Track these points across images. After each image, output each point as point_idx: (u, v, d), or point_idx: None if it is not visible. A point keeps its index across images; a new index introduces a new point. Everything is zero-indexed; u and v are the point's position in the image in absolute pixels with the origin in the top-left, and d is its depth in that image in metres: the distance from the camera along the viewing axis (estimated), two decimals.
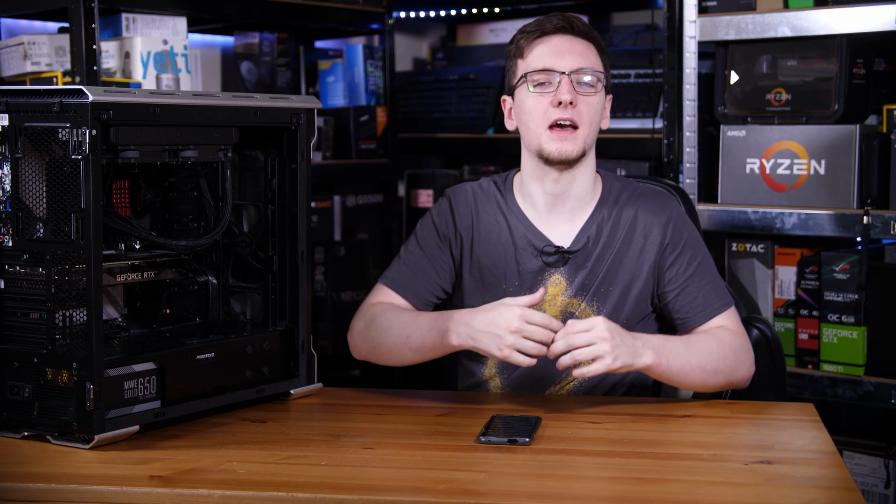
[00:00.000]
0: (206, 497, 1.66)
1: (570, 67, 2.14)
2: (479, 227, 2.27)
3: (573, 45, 2.17)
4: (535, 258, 2.22)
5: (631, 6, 3.64)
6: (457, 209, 2.29)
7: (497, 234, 2.25)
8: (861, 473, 2.93)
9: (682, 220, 2.25)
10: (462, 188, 2.33)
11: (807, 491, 1.66)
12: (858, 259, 2.78)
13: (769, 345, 2.35)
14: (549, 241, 2.22)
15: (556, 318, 2.20)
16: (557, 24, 2.18)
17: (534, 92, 2.16)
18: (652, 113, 3.17)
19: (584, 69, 2.15)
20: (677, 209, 2.27)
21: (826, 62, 2.80)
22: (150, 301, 2.21)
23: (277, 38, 3.35)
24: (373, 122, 3.49)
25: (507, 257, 2.24)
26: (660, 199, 2.27)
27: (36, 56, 2.76)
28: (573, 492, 1.68)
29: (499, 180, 2.32)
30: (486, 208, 2.28)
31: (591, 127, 2.16)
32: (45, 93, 1.86)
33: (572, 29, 2.18)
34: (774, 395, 2.35)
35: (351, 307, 3.41)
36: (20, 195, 1.90)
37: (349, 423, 2.05)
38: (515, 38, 2.23)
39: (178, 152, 2.02)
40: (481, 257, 2.25)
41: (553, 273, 2.22)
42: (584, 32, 2.19)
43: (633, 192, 2.26)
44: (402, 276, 2.27)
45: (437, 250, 2.28)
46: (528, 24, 2.22)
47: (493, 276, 2.24)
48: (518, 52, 2.21)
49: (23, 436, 1.92)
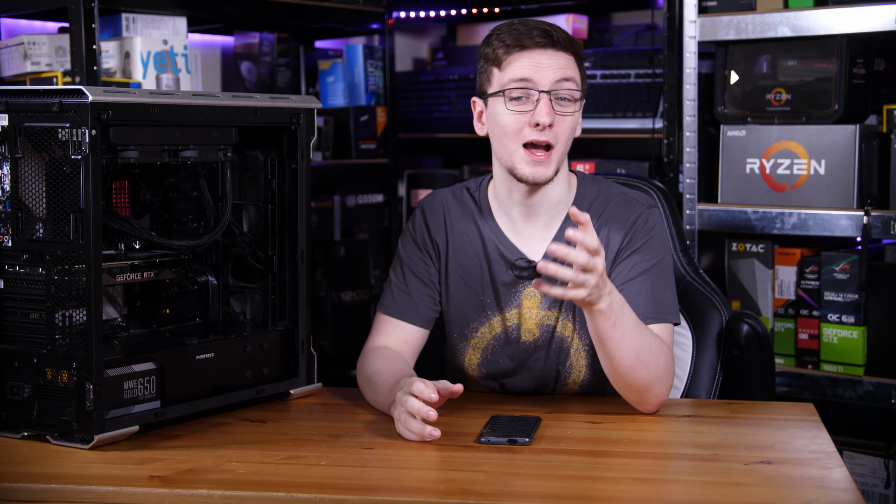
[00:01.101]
0: (206, 497, 1.66)
1: (550, 83, 2.07)
2: (453, 237, 2.23)
3: (554, 58, 2.08)
4: (507, 271, 2.19)
5: (631, 6, 3.63)
6: (430, 220, 2.25)
7: (471, 245, 2.22)
8: (861, 473, 2.93)
9: (646, 224, 2.16)
10: (433, 197, 2.29)
11: (807, 491, 1.66)
12: (858, 259, 2.78)
13: (759, 340, 2.34)
14: (521, 255, 2.18)
15: (534, 331, 2.19)
16: (539, 39, 2.07)
17: (510, 108, 2.08)
18: (652, 113, 3.17)
19: (564, 83, 2.07)
20: (646, 214, 2.17)
21: (826, 62, 2.80)
22: (149, 301, 2.21)
23: (277, 38, 3.35)
24: (373, 122, 3.49)
25: (481, 269, 2.21)
26: (630, 204, 2.18)
27: (36, 56, 2.76)
28: (573, 492, 1.68)
29: (472, 186, 2.27)
30: (458, 218, 2.24)
31: (565, 145, 2.11)
32: (45, 93, 1.86)
33: (553, 42, 2.08)
34: (764, 391, 2.35)
35: (351, 307, 3.42)
36: (20, 195, 1.90)
37: (349, 423, 2.05)
38: (493, 44, 2.12)
39: (177, 152, 2.02)
40: (457, 268, 2.22)
41: (527, 286, 2.19)
42: (565, 45, 2.09)
43: (606, 199, 2.19)
44: (399, 302, 2.23)
45: (422, 265, 2.24)
46: (506, 31, 2.11)
47: (469, 288, 2.22)
48: (495, 59, 2.12)
49: (22, 436, 1.91)
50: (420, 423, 1.88)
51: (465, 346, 2.23)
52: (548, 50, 2.08)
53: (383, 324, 2.24)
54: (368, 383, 2.13)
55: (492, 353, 2.22)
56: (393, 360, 2.15)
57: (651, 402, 2.05)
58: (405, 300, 2.23)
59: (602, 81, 3.31)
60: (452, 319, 2.23)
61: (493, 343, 2.21)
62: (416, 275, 2.24)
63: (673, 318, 2.13)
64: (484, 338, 2.22)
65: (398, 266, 2.27)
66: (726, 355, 2.35)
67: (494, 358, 2.22)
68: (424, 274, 2.24)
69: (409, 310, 2.23)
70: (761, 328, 2.34)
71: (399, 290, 2.24)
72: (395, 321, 2.23)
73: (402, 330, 2.22)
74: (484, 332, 2.21)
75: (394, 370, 2.09)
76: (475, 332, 2.22)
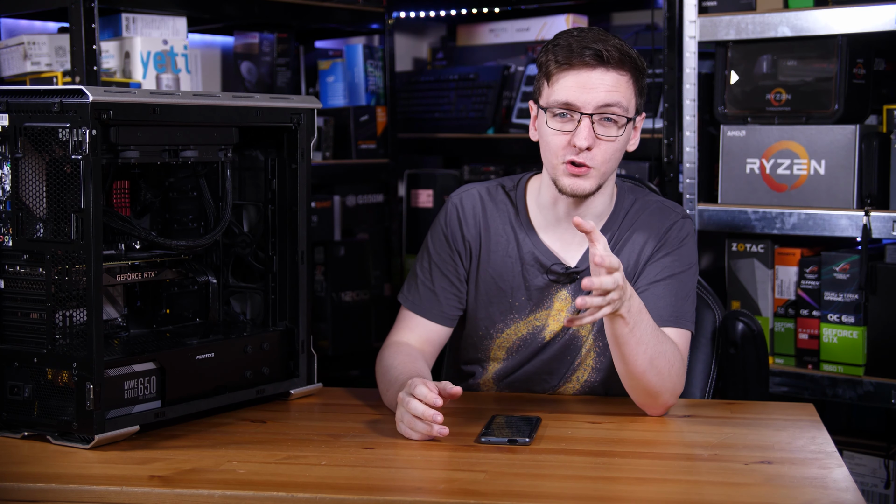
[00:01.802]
0: (206, 497, 1.66)
1: (594, 106, 2.03)
2: (487, 237, 2.23)
3: (603, 79, 2.04)
4: (541, 275, 2.19)
5: (631, 6, 3.63)
6: (464, 218, 2.24)
7: (505, 246, 2.21)
8: (861, 473, 2.93)
9: (680, 233, 2.18)
10: (470, 194, 2.27)
11: (807, 491, 1.66)
12: (858, 259, 2.78)
13: (755, 338, 2.35)
14: (557, 260, 2.18)
15: (557, 331, 2.20)
16: (589, 59, 2.03)
17: (552, 127, 2.07)
18: (652, 113, 3.17)
19: (610, 106, 2.04)
20: (681, 223, 2.19)
21: (826, 62, 2.80)
22: (150, 301, 2.21)
23: (277, 38, 3.35)
24: (373, 122, 3.49)
25: (514, 272, 2.20)
26: (665, 213, 2.20)
27: (36, 56, 2.76)
28: (573, 492, 1.68)
29: (509, 185, 2.26)
30: (494, 218, 2.23)
31: (607, 166, 2.08)
32: (45, 93, 1.86)
33: (604, 62, 2.03)
34: (759, 389, 2.36)
35: (351, 307, 3.42)
36: (20, 195, 1.90)
37: (349, 423, 2.05)
38: (548, 56, 2.08)
39: (178, 152, 2.02)
40: (489, 269, 2.22)
41: (559, 289, 2.19)
42: (618, 63, 2.04)
43: (642, 206, 2.21)
44: (424, 299, 2.22)
45: (451, 263, 2.23)
46: (562, 44, 2.06)
47: (498, 290, 2.21)
48: (546, 74, 2.09)
49: (23, 436, 1.92)
50: (427, 424, 1.88)
51: (490, 345, 2.23)
52: (597, 69, 2.04)
53: (407, 319, 2.24)
54: (384, 375, 2.14)
55: (515, 352, 2.23)
56: (413, 359, 2.15)
57: (660, 407, 2.06)
58: (430, 298, 2.23)
59: None
60: (479, 318, 2.23)
61: (517, 343, 2.22)
62: (443, 272, 2.23)
63: (691, 327, 2.15)
64: (509, 339, 2.22)
65: (426, 260, 2.26)
66: (721, 354, 2.35)
67: (512, 356, 2.23)
68: (452, 272, 2.24)
69: (433, 308, 2.23)
70: (756, 326, 2.36)
71: (425, 287, 2.24)
72: (419, 318, 2.23)
73: (426, 328, 2.23)
74: (510, 333, 2.22)
75: (410, 368, 2.09)
76: (500, 332, 2.22)
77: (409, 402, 1.89)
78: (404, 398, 1.91)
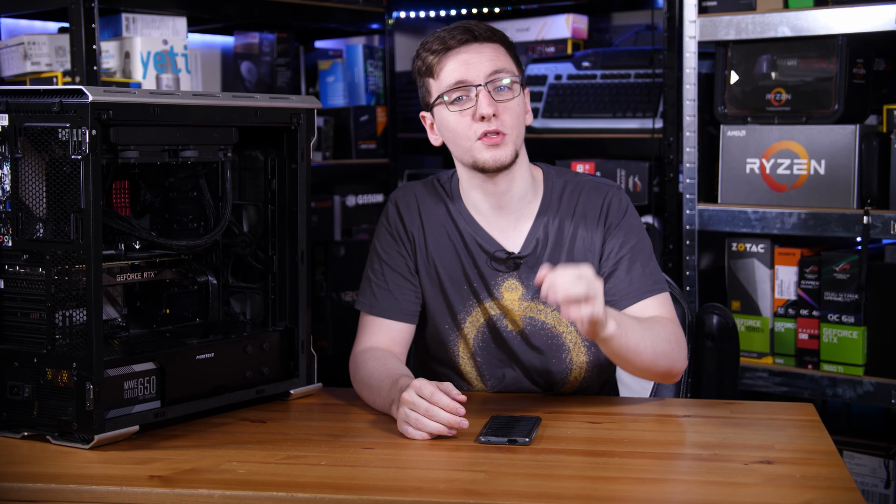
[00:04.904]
0: (206, 497, 1.66)
1: (484, 76, 2.10)
2: (429, 228, 2.24)
3: (481, 52, 2.11)
4: (486, 263, 2.20)
5: (631, 6, 3.64)
6: (404, 212, 2.25)
7: (447, 236, 2.23)
8: (861, 473, 2.93)
9: (620, 205, 2.21)
10: (405, 190, 2.29)
11: (807, 491, 1.66)
12: (858, 259, 2.78)
13: (729, 331, 2.37)
14: (499, 246, 2.20)
15: (518, 322, 2.20)
16: (460, 36, 2.11)
17: (453, 110, 2.12)
18: (652, 113, 3.17)
19: (499, 74, 2.10)
20: (617, 195, 2.22)
21: (826, 62, 2.80)
22: (149, 301, 2.21)
23: (277, 38, 3.35)
24: (373, 122, 3.49)
25: (460, 258, 2.21)
26: (599, 189, 2.22)
27: (36, 56, 2.76)
28: (573, 492, 1.68)
29: (443, 178, 2.29)
30: (433, 210, 2.25)
31: (517, 130, 2.13)
32: (45, 93, 1.86)
33: (475, 37, 2.12)
34: (732, 382, 2.37)
35: (351, 307, 3.41)
36: (20, 195, 1.90)
37: (349, 423, 2.05)
38: (422, 56, 2.16)
39: (177, 152, 2.02)
40: (436, 258, 2.23)
41: (507, 278, 2.20)
42: (488, 36, 2.13)
43: (576, 188, 2.23)
44: (381, 299, 2.22)
45: (400, 259, 2.24)
46: (431, 40, 2.15)
47: (449, 278, 2.22)
48: (428, 71, 2.15)
49: (23, 436, 1.92)
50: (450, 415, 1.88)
51: (458, 338, 2.23)
52: (472, 45, 2.12)
53: (368, 324, 2.24)
54: (364, 386, 2.13)
55: (482, 345, 2.22)
56: (385, 361, 2.14)
57: (675, 376, 2.12)
58: (387, 297, 2.22)
59: (602, 81, 3.32)
60: (438, 311, 2.23)
61: (481, 333, 2.21)
62: (394, 269, 2.23)
63: (663, 287, 2.19)
64: (472, 328, 2.22)
65: (375, 262, 2.26)
66: (696, 347, 2.36)
67: (484, 351, 2.22)
68: (403, 267, 2.24)
69: (392, 307, 2.22)
70: (730, 320, 2.38)
71: (379, 288, 2.23)
72: (380, 320, 2.22)
73: (389, 328, 2.22)
74: (472, 321, 2.22)
75: (388, 371, 2.09)
76: (463, 322, 2.22)
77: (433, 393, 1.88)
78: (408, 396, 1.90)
